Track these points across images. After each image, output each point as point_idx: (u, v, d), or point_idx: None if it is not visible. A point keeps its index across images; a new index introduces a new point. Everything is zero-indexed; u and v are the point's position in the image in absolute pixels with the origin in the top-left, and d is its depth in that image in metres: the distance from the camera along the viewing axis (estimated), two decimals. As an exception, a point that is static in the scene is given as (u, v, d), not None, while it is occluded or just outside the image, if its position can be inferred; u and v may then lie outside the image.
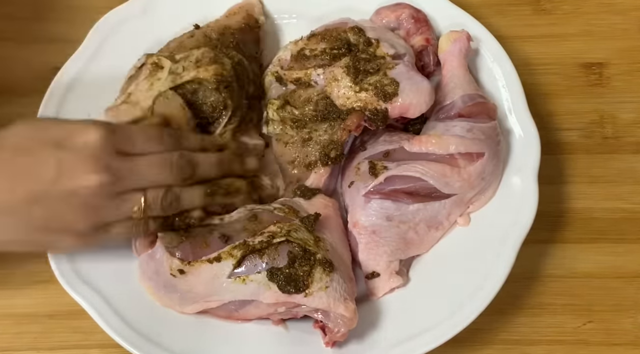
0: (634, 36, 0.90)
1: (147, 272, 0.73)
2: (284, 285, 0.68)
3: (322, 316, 0.69)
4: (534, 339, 0.77)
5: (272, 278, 0.68)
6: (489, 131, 0.76)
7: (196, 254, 0.70)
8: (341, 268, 0.71)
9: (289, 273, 0.68)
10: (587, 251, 0.81)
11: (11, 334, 0.77)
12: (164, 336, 0.71)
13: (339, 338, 0.69)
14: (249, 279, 0.69)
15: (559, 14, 0.91)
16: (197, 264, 0.70)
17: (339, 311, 0.68)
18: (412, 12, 0.82)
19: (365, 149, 0.78)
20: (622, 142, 0.85)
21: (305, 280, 0.68)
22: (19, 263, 0.79)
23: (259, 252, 0.69)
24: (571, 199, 0.83)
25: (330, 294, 0.68)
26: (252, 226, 0.72)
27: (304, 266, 0.68)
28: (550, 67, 0.89)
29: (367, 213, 0.74)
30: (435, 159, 0.74)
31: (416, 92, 0.75)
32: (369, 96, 0.75)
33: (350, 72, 0.76)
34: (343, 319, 0.68)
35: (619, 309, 0.79)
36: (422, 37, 0.81)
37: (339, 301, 0.68)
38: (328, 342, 0.70)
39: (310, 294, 0.68)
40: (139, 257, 0.73)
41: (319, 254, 0.69)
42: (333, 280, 0.69)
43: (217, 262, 0.70)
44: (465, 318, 0.72)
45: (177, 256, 0.70)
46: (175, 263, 0.70)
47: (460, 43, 0.80)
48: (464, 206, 0.76)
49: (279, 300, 0.69)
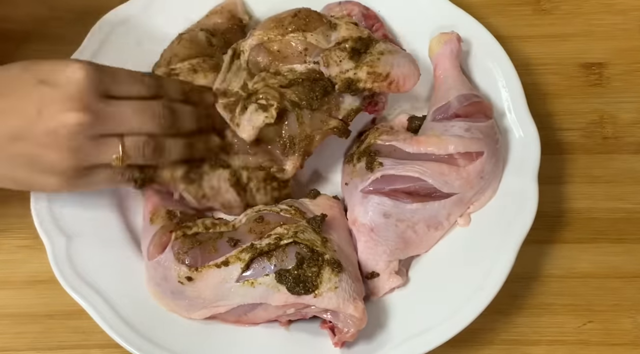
0: (634, 36, 0.90)
1: (154, 277, 0.72)
2: (293, 286, 0.68)
3: (331, 317, 0.69)
4: (534, 339, 0.77)
5: (281, 280, 0.68)
6: (487, 130, 0.76)
7: (205, 259, 0.70)
8: (349, 268, 0.71)
9: (298, 274, 0.68)
10: (587, 251, 0.81)
11: (11, 334, 0.77)
12: (164, 336, 0.71)
13: (348, 338, 0.69)
14: (258, 282, 0.69)
15: (559, 14, 0.91)
16: (204, 270, 0.70)
17: (349, 311, 0.68)
18: (361, 10, 0.82)
19: (362, 146, 0.78)
20: (622, 142, 0.85)
21: (314, 281, 0.68)
22: (19, 263, 0.79)
23: (267, 255, 0.69)
24: (571, 199, 0.83)
25: (340, 294, 0.68)
26: (258, 228, 0.71)
27: (312, 267, 0.68)
28: (550, 67, 0.89)
29: (365, 209, 0.74)
30: (434, 159, 0.74)
31: (408, 63, 0.76)
32: (369, 73, 0.74)
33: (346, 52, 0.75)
34: (352, 319, 0.68)
35: (619, 309, 0.79)
36: (378, 33, 0.82)
37: (348, 301, 0.68)
38: (337, 342, 0.70)
39: (320, 295, 0.68)
40: (148, 262, 0.72)
41: (327, 254, 0.69)
42: (342, 280, 0.68)
43: (225, 267, 0.69)
44: (465, 318, 0.71)
45: (186, 262, 0.70)
46: (183, 271, 0.70)
47: (451, 44, 0.80)
48: (464, 206, 0.76)
49: (288, 302, 0.69)
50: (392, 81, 0.75)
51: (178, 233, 0.72)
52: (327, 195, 0.77)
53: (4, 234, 0.80)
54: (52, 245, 0.74)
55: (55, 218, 0.75)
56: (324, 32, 0.76)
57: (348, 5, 0.83)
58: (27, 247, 0.79)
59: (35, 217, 0.75)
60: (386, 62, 0.75)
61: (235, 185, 0.75)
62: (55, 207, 0.75)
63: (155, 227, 0.73)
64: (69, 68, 0.66)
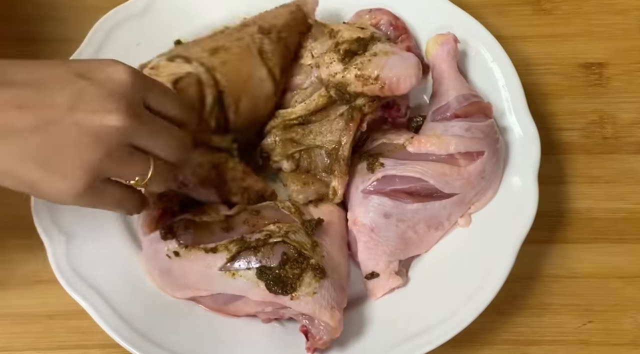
0: (634, 36, 0.90)
1: (147, 252, 0.73)
2: (272, 285, 0.68)
3: (306, 321, 0.69)
4: (534, 339, 0.77)
5: (261, 276, 0.68)
6: (487, 130, 0.76)
7: (197, 241, 0.71)
8: (334, 276, 0.70)
9: (279, 273, 0.68)
10: (587, 251, 0.81)
11: (11, 334, 0.77)
12: (164, 336, 0.71)
13: (320, 346, 0.69)
14: (239, 275, 0.69)
15: (559, 14, 0.91)
16: (193, 250, 0.71)
17: (324, 318, 0.68)
18: (390, 19, 0.81)
19: (363, 147, 0.78)
20: (622, 142, 0.85)
21: (293, 283, 0.68)
22: (19, 263, 0.79)
23: (254, 250, 0.69)
24: (571, 199, 0.83)
25: (317, 300, 0.68)
26: (253, 220, 0.72)
27: (295, 269, 0.68)
28: (550, 67, 0.89)
29: (366, 209, 0.74)
30: (435, 159, 0.74)
31: (403, 65, 0.73)
32: (357, 75, 0.73)
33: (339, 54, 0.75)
34: (327, 327, 0.68)
35: (619, 309, 0.79)
36: (403, 45, 0.80)
37: (325, 309, 0.68)
38: (309, 348, 0.69)
39: (297, 298, 0.68)
40: (144, 237, 0.74)
41: (313, 259, 0.69)
42: (322, 287, 0.68)
43: (212, 253, 0.70)
44: (466, 318, 0.71)
45: (177, 238, 0.71)
46: (173, 245, 0.71)
47: (447, 45, 0.80)
48: (465, 206, 0.76)
49: (266, 299, 0.69)
50: (384, 84, 0.73)
51: (189, 215, 0.73)
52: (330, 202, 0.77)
53: (4, 234, 0.80)
54: (52, 245, 0.74)
55: (55, 218, 0.75)
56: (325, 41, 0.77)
57: (378, 13, 0.82)
58: (27, 247, 0.79)
59: (35, 217, 0.75)
60: (377, 64, 0.73)
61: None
62: (55, 208, 0.75)
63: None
64: (111, 67, 0.60)
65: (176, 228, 0.72)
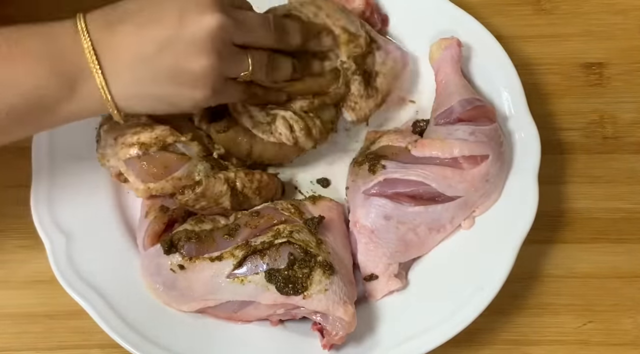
0: (634, 36, 0.90)
1: (149, 268, 0.73)
2: (282, 287, 0.68)
3: (320, 319, 0.69)
4: (534, 339, 0.78)
5: (271, 279, 0.68)
6: (491, 133, 0.76)
7: (200, 251, 0.70)
8: (342, 271, 0.70)
9: (288, 274, 0.68)
10: (587, 251, 0.81)
11: (11, 334, 0.77)
12: (164, 336, 0.72)
13: (336, 341, 0.69)
14: (247, 280, 0.69)
15: (559, 14, 0.91)
16: (198, 261, 0.70)
17: (338, 314, 0.68)
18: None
19: (367, 148, 0.78)
20: (622, 142, 0.85)
21: (304, 282, 0.68)
22: (19, 263, 0.79)
23: (260, 253, 0.69)
24: (571, 199, 0.83)
25: (330, 296, 0.68)
26: (253, 222, 0.72)
27: (303, 268, 0.68)
28: (550, 67, 0.88)
29: (367, 211, 0.74)
30: (438, 162, 0.74)
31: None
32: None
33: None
34: (342, 322, 0.68)
35: (619, 309, 0.79)
36: (360, 0, 0.82)
37: (338, 304, 0.68)
38: (325, 344, 0.70)
39: (309, 297, 0.68)
40: (144, 252, 0.73)
41: (319, 256, 0.69)
42: (333, 283, 0.69)
43: (218, 261, 0.70)
44: (465, 318, 0.72)
45: (180, 251, 0.70)
46: (176, 258, 0.70)
47: (451, 50, 0.80)
48: (468, 209, 0.76)
49: (277, 302, 0.69)
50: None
51: (187, 225, 0.72)
52: (328, 197, 0.77)
53: (4, 234, 0.80)
54: (52, 245, 0.74)
55: (55, 218, 0.75)
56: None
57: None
58: (27, 247, 0.79)
59: (35, 217, 0.75)
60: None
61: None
62: (55, 207, 0.75)
63: (149, 220, 0.74)
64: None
65: (177, 240, 0.71)
